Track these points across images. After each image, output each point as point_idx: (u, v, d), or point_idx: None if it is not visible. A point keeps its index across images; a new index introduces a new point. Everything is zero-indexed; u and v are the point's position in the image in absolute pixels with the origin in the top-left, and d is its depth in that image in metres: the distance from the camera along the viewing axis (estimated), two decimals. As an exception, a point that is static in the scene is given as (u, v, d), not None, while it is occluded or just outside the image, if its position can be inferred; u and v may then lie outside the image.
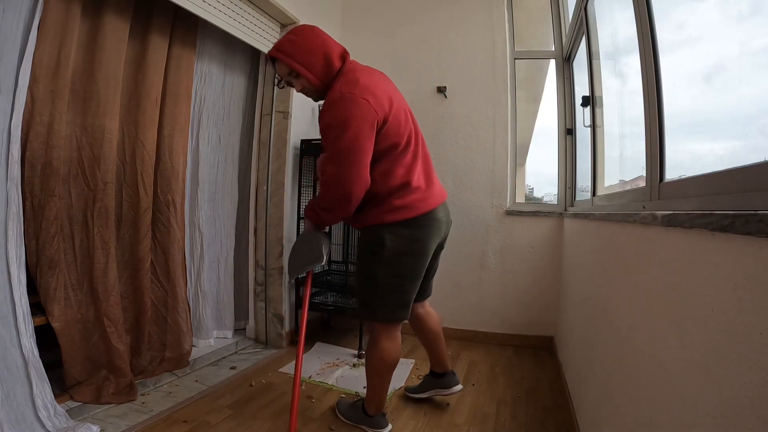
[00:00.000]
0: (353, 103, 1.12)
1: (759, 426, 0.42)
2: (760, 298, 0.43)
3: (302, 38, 1.21)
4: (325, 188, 1.21)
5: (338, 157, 1.14)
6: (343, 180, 1.15)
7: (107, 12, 1.54)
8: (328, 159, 1.17)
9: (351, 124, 1.11)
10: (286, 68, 1.22)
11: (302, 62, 1.19)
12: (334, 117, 1.14)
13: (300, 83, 1.24)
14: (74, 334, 1.48)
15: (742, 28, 0.81)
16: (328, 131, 1.16)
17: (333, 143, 1.14)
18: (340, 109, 1.13)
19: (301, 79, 1.23)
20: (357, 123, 1.12)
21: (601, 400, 1.10)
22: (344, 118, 1.12)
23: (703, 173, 0.73)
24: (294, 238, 2.33)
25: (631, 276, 0.93)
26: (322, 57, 1.20)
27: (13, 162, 1.25)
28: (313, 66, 1.20)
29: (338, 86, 1.16)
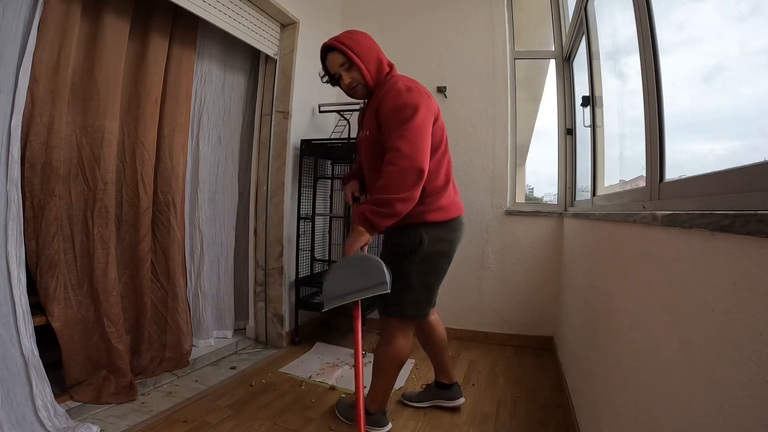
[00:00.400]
0: (419, 95, 1.21)
1: (759, 426, 0.42)
2: (760, 298, 0.43)
3: (359, 36, 1.29)
4: (396, 167, 1.13)
5: (411, 133, 1.15)
6: (417, 154, 1.14)
7: (107, 12, 1.54)
8: (399, 137, 1.15)
9: (421, 108, 1.18)
10: (341, 58, 1.26)
11: (360, 55, 1.25)
12: (405, 100, 1.18)
13: (351, 76, 1.28)
14: (74, 334, 1.48)
15: (742, 29, 0.81)
16: (400, 111, 1.17)
17: (407, 121, 1.16)
18: (409, 96, 1.19)
19: (354, 72, 1.28)
20: (424, 110, 1.19)
21: (601, 400, 1.10)
22: (415, 103, 1.18)
23: (703, 173, 0.73)
24: (294, 238, 2.34)
25: (631, 276, 0.92)
26: (375, 57, 1.29)
27: (13, 162, 1.25)
28: (368, 61, 1.27)
29: (399, 82, 1.23)
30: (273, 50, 2.23)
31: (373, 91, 1.31)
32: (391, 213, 1.15)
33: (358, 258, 1.20)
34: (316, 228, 2.51)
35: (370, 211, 1.16)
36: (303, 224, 2.36)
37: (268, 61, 2.31)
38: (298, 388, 1.76)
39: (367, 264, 1.18)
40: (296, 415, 1.54)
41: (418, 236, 1.27)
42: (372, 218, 1.16)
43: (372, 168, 1.33)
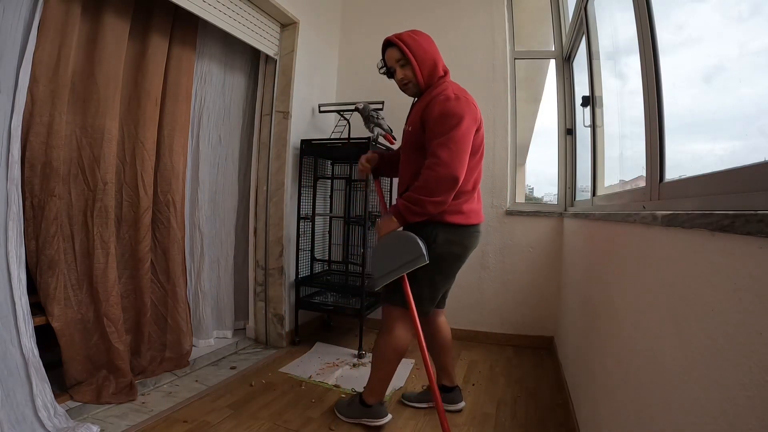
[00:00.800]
0: (467, 105, 1.27)
1: (759, 426, 0.42)
2: (760, 298, 0.43)
3: (421, 38, 1.35)
4: (433, 173, 1.23)
5: (453, 143, 1.22)
6: (455, 163, 1.22)
7: (107, 12, 1.54)
8: (441, 144, 1.23)
9: (465, 119, 1.24)
10: (398, 54, 1.33)
11: (416, 55, 1.32)
12: (452, 108, 1.24)
13: (404, 73, 1.35)
14: (74, 334, 1.48)
15: (741, 29, 0.81)
16: (445, 119, 1.24)
17: (450, 129, 1.23)
18: (457, 104, 1.25)
19: (407, 70, 1.34)
20: (468, 121, 1.25)
21: (601, 399, 1.10)
22: (461, 112, 1.24)
23: (703, 173, 0.73)
24: (294, 238, 2.34)
25: (631, 276, 0.92)
26: (431, 59, 1.34)
27: (13, 162, 1.25)
28: (423, 62, 1.33)
29: (449, 89, 1.29)
30: (273, 50, 2.23)
31: (423, 91, 1.37)
32: (421, 212, 1.27)
33: (395, 236, 1.32)
34: (316, 228, 2.50)
35: (404, 205, 1.28)
36: (303, 224, 2.36)
37: (268, 61, 2.31)
38: (298, 388, 1.76)
39: (403, 240, 1.31)
40: (296, 415, 1.54)
41: (433, 234, 1.32)
42: (404, 212, 1.29)
43: (407, 160, 1.40)
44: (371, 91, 2.68)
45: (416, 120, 1.33)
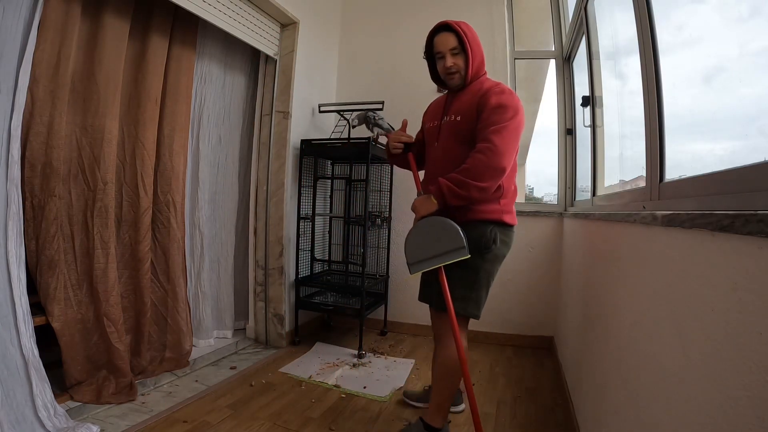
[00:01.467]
0: (518, 101, 1.27)
1: (759, 426, 0.42)
2: (760, 298, 0.43)
3: (473, 31, 1.34)
4: (484, 157, 1.19)
5: (508, 132, 1.21)
6: (507, 152, 1.20)
7: (107, 12, 1.54)
8: (497, 131, 1.20)
9: (520, 114, 1.24)
10: (454, 42, 1.30)
11: (472, 46, 1.30)
12: (510, 102, 1.24)
13: (455, 61, 1.31)
14: (74, 334, 1.48)
15: (741, 30, 0.82)
16: (504, 109, 1.22)
17: (507, 120, 1.22)
18: (512, 99, 1.25)
19: (459, 59, 1.31)
20: (521, 116, 1.25)
21: (601, 400, 1.10)
22: (517, 107, 1.24)
23: (703, 173, 0.73)
24: (294, 238, 2.34)
25: (631, 276, 0.92)
26: (481, 55, 1.34)
27: (13, 162, 1.25)
28: (476, 55, 1.31)
29: (497, 85, 1.29)
30: (273, 50, 2.23)
31: (466, 84, 1.34)
32: (465, 196, 1.21)
33: (435, 220, 1.24)
34: (316, 228, 2.50)
35: (447, 187, 1.22)
36: (303, 224, 2.36)
37: (268, 61, 2.31)
38: (298, 388, 1.76)
39: (444, 227, 1.23)
40: (296, 415, 1.54)
41: (493, 233, 1.28)
42: (447, 193, 1.22)
43: (449, 152, 1.34)
44: (371, 91, 2.69)
45: (467, 110, 1.29)
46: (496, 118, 1.21)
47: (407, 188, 2.63)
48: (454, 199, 1.22)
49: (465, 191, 1.20)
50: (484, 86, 1.29)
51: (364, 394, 1.73)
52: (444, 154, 1.36)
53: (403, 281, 2.63)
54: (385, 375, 1.93)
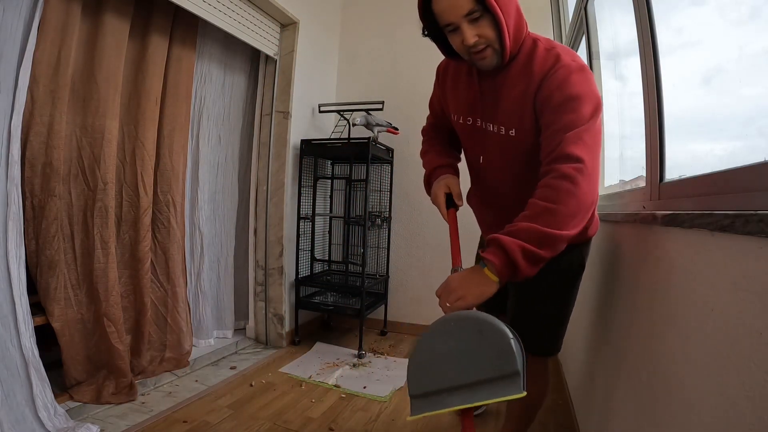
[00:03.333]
0: (593, 80, 0.83)
1: (759, 426, 0.42)
2: (760, 298, 0.43)
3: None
4: (573, 187, 0.74)
5: (593, 141, 0.79)
6: (595, 171, 0.78)
7: (107, 12, 1.54)
8: (578, 140, 0.77)
9: (601, 103, 0.82)
10: (470, 2, 0.78)
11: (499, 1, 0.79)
12: (582, 87, 0.80)
13: (479, 32, 0.81)
14: (74, 334, 1.48)
15: (741, 32, 0.82)
16: (575, 104, 0.79)
17: (587, 120, 0.79)
18: (587, 80, 0.81)
19: (485, 27, 0.81)
20: (601, 103, 0.82)
21: (601, 400, 1.10)
22: (596, 94, 0.81)
23: (703, 173, 0.73)
24: (294, 238, 2.33)
25: (631, 276, 0.93)
26: (516, 9, 0.84)
27: (13, 162, 1.25)
28: (509, 11, 0.80)
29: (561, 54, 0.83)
30: (273, 50, 2.23)
31: (506, 60, 0.85)
32: (550, 255, 0.75)
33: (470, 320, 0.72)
34: (316, 228, 2.50)
35: (523, 250, 0.73)
36: (303, 224, 2.36)
37: (268, 61, 2.31)
38: (298, 388, 1.76)
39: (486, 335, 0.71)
40: (296, 415, 1.54)
41: (579, 258, 0.98)
42: (520, 260, 0.73)
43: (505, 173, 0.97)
44: (371, 91, 2.69)
45: (521, 113, 0.86)
46: (573, 119, 0.78)
47: (407, 188, 2.63)
48: (535, 266, 0.75)
49: (550, 249, 0.74)
50: (535, 60, 0.84)
51: (364, 394, 1.73)
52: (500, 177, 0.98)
53: (404, 281, 2.63)
54: (385, 375, 1.93)
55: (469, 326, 0.72)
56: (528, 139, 0.87)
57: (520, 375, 0.68)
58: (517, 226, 0.76)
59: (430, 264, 2.57)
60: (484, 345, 0.70)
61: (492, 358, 0.69)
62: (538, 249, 0.73)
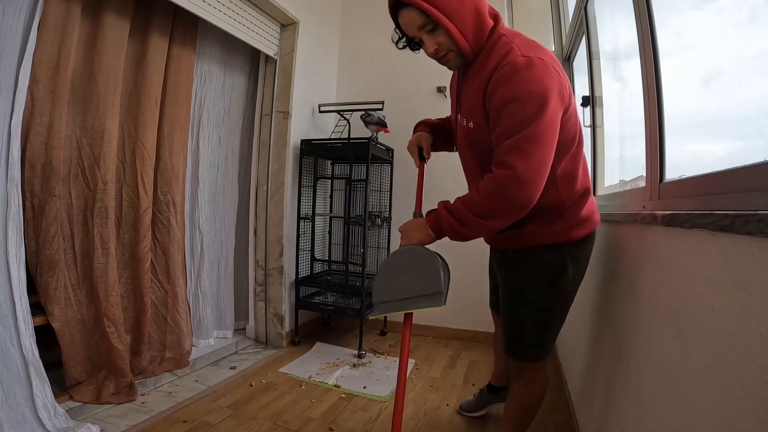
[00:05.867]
0: (546, 71, 0.81)
1: (759, 426, 0.42)
2: (760, 298, 0.43)
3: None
4: (501, 190, 0.83)
5: (531, 145, 0.80)
6: (535, 178, 0.81)
7: (107, 12, 1.54)
8: (515, 148, 0.81)
9: (549, 100, 0.79)
10: (419, 18, 0.87)
11: (446, 12, 0.84)
12: (523, 86, 0.80)
13: (436, 40, 0.90)
14: (74, 334, 1.48)
15: (740, 34, 0.82)
16: (519, 104, 0.80)
17: (524, 124, 0.80)
18: (530, 77, 0.80)
19: (440, 35, 0.88)
20: (554, 99, 0.81)
21: (601, 400, 1.10)
22: (540, 91, 0.79)
23: (703, 173, 0.74)
24: (294, 238, 2.33)
25: (630, 276, 0.93)
26: (472, 8, 0.86)
27: (13, 162, 1.25)
28: (461, 19, 0.85)
29: (515, 49, 0.83)
30: (273, 50, 2.23)
31: (473, 59, 0.92)
32: (467, 235, 0.89)
33: (413, 252, 0.95)
34: (316, 228, 2.50)
35: (448, 221, 0.90)
36: (303, 224, 2.36)
37: (268, 61, 2.31)
38: (298, 388, 1.76)
39: (420, 263, 0.94)
40: (296, 415, 1.54)
41: (561, 262, 0.96)
42: (446, 227, 0.91)
43: (466, 165, 1.07)
44: (371, 91, 2.69)
45: (476, 109, 0.91)
46: (511, 122, 0.81)
47: (407, 188, 2.63)
48: (453, 236, 0.91)
49: (468, 230, 0.88)
50: (489, 64, 0.87)
51: (364, 394, 1.73)
52: (466, 167, 1.09)
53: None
54: (385, 375, 1.93)
55: (412, 257, 0.96)
56: (483, 131, 0.92)
57: (442, 293, 0.92)
58: (456, 203, 0.91)
59: (430, 264, 2.57)
60: (421, 271, 0.94)
61: (425, 279, 0.93)
62: (459, 226, 0.89)
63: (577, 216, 0.96)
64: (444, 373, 1.99)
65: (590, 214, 0.99)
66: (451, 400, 1.70)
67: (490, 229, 0.89)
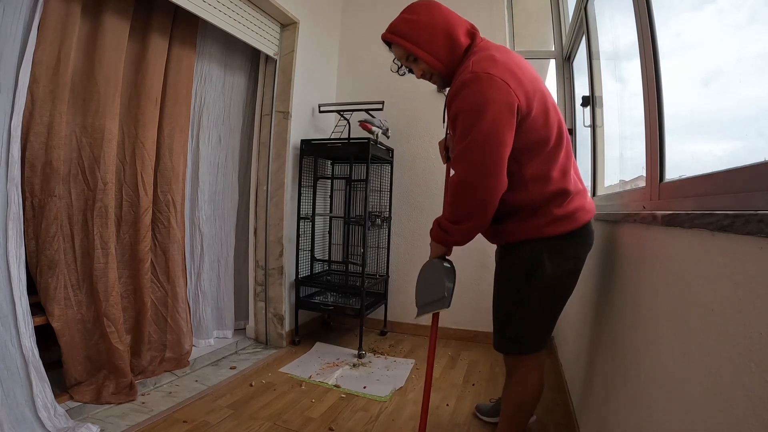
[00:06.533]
0: (490, 84, 0.90)
1: (759, 426, 0.42)
2: (760, 298, 0.43)
3: (418, 15, 1.03)
4: (454, 193, 0.98)
5: (472, 151, 0.92)
6: (479, 179, 0.93)
7: (107, 12, 1.54)
8: (460, 156, 0.95)
9: (488, 109, 0.90)
10: (401, 52, 1.07)
11: (419, 43, 1.01)
12: (465, 100, 0.93)
13: (419, 68, 1.08)
14: (74, 334, 1.48)
15: (740, 35, 0.82)
16: (459, 118, 0.95)
17: (465, 133, 0.93)
18: (472, 91, 0.91)
19: (420, 64, 1.06)
20: (495, 108, 0.90)
21: (601, 400, 1.10)
22: (479, 102, 0.90)
23: (703, 173, 0.73)
24: (294, 238, 2.34)
25: (630, 276, 0.93)
26: (443, 35, 1.01)
27: (13, 162, 1.25)
28: (434, 47, 1.01)
29: (470, 65, 0.94)
30: (273, 50, 2.23)
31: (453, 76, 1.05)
32: (460, 240, 1.04)
33: (429, 266, 1.15)
34: (316, 228, 2.50)
35: (438, 234, 1.07)
36: (303, 224, 2.36)
37: (268, 61, 2.31)
38: (298, 388, 1.76)
39: (432, 274, 1.12)
40: (296, 415, 1.54)
41: (535, 256, 1.01)
42: (440, 240, 1.08)
43: None
44: (371, 91, 2.69)
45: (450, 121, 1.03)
46: (459, 133, 0.95)
47: (407, 188, 2.63)
48: (448, 244, 1.09)
49: (453, 236, 1.04)
50: (456, 80, 0.99)
51: (364, 394, 1.73)
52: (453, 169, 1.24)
53: (404, 281, 2.63)
54: (385, 375, 1.93)
55: (431, 270, 1.14)
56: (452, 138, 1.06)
57: (444, 298, 1.08)
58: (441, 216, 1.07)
59: (430, 264, 2.57)
60: (436, 280, 1.11)
61: (438, 287, 1.10)
62: (445, 234, 1.05)
63: (552, 214, 1.00)
64: (444, 373, 1.99)
65: (570, 213, 1.01)
66: (451, 400, 1.70)
67: (467, 231, 1.02)
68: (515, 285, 1.06)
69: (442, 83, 1.11)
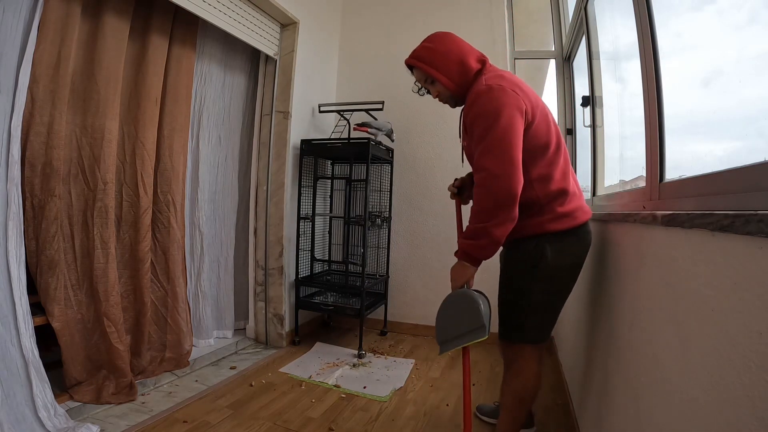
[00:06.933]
0: (502, 92, 1.04)
1: (759, 426, 0.42)
2: (760, 298, 0.43)
3: (436, 44, 1.20)
4: (485, 190, 1.04)
5: (495, 148, 1.02)
6: (508, 170, 1.01)
7: (107, 12, 1.54)
8: (484, 153, 1.04)
9: (503, 112, 1.02)
10: (422, 75, 1.22)
11: (437, 66, 1.17)
12: (482, 106, 1.05)
13: (436, 89, 1.22)
14: (74, 334, 1.48)
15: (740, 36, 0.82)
16: (477, 122, 1.06)
17: (486, 133, 1.03)
18: (489, 98, 1.05)
19: (437, 85, 1.20)
20: (509, 111, 1.02)
21: (601, 400, 1.10)
22: (496, 106, 1.03)
23: (703, 173, 0.74)
24: (294, 238, 2.34)
25: (631, 276, 0.93)
26: (456, 61, 1.16)
27: (13, 162, 1.25)
28: (448, 71, 1.17)
29: (483, 81, 1.09)
30: (273, 50, 2.23)
31: (465, 96, 1.19)
32: (490, 242, 1.05)
33: (458, 295, 1.15)
34: (316, 228, 2.51)
35: (468, 245, 1.09)
36: (303, 224, 2.36)
37: (268, 61, 2.31)
38: (298, 388, 1.77)
39: (464, 303, 1.13)
40: (296, 415, 1.54)
41: (539, 249, 1.11)
42: (471, 251, 1.09)
43: None
44: (371, 91, 2.69)
45: (465, 130, 1.16)
46: (479, 134, 1.05)
47: (407, 188, 2.63)
48: (482, 252, 1.09)
49: (486, 238, 1.05)
50: (470, 96, 1.13)
51: (364, 394, 1.73)
52: None
53: (404, 281, 2.63)
54: (385, 375, 1.93)
55: (459, 300, 1.15)
56: (470, 146, 1.15)
57: (485, 327, 1.10)
58: (466, 229, 1.11)
59: (430, 264, 2.57)
60: (467, 310, 1.12)
61: (471, 317, 1.11)
62: (475, 240, 1.07)
63: (555, 211, 1.10)
64: (444, 373, 1.99)
65: (571, 212, 1.11)
66: (451, 400, 1.70)
67: (501, 226, 1.04)
68: (521, 275, 1.15)
69: (454, 103, 1.25)
